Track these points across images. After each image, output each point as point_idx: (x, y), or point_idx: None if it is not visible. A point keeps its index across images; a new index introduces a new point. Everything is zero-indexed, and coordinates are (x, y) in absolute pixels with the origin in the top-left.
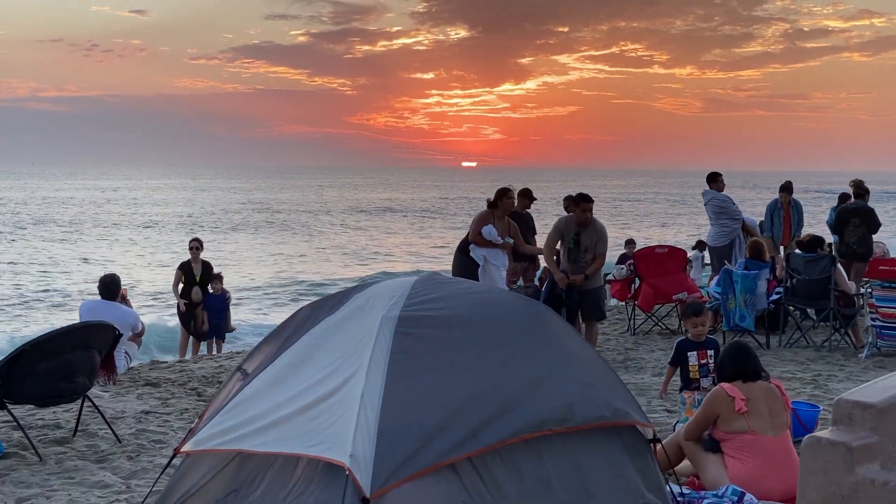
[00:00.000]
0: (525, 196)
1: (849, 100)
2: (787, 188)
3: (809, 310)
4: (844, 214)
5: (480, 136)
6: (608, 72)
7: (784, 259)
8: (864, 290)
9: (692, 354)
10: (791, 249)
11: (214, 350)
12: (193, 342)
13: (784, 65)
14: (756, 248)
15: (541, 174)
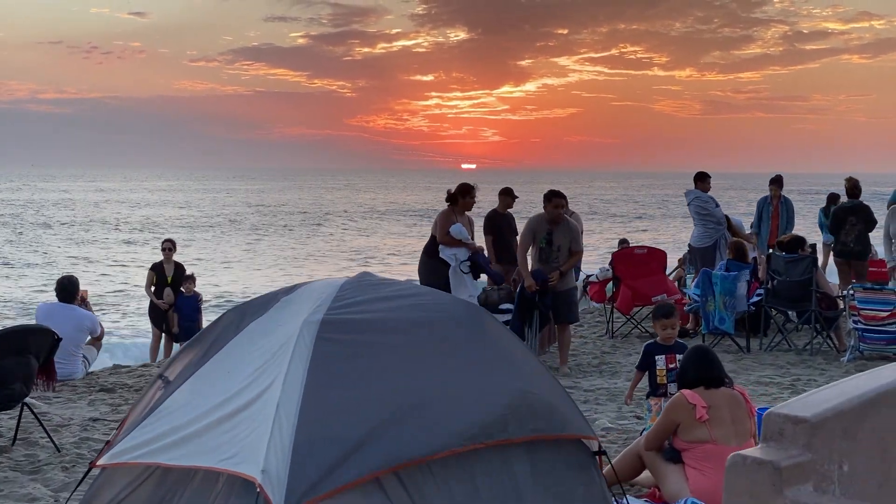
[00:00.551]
0: (507, 195)
1: (848, 102)
2: (778, 181)
3: (791, 312)
4: (840, 213)
5: (480, 138)
6: (608, 74)
7: (765, 260)
8: (846, 293)
9: (660, 358)
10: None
11: None
12: (166, 344)
13: (783, 67)
14: (738, 249)
15: (540, 176)
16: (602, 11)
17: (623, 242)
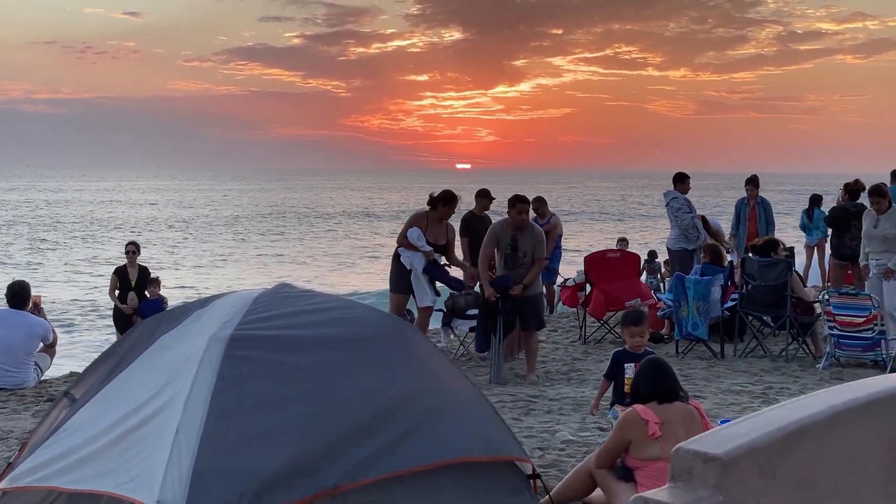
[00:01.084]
0: (484, 196)
1: (842, 102)
2: (753, 181)
3: (766, 317)
4: (842, 215)
5: (475, 138)
6: (602, 74)
7: (739, 264)
8: (822, 297)
9: (629, 367)
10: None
11: None
12: None
13: (777, 67)
14: (714, 252)
15: (535, 176)
16: (597, 12)
17: (622, 241)
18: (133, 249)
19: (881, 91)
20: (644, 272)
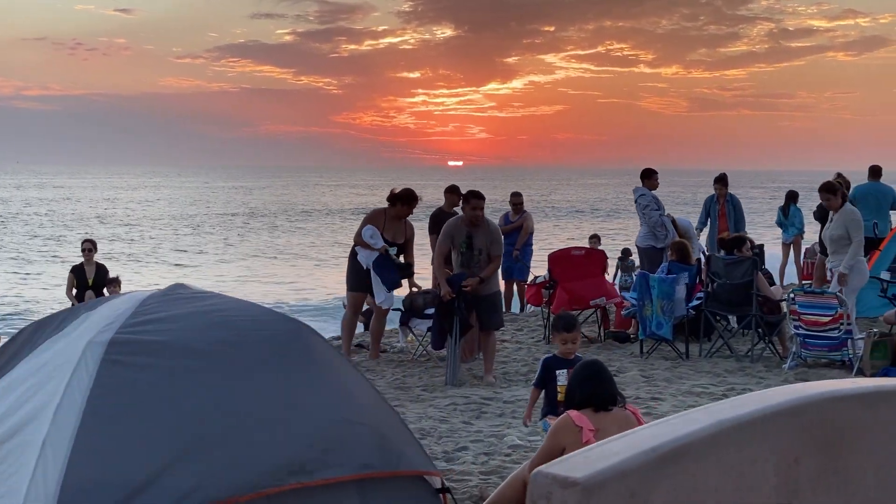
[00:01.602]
0: (453, 192)
1: (834, 99)
2: (722, 179)
3: (731, 316)
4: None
5: (467, 136)
6: (594, 71)
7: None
8: (787, 296)
9: (561, 373)
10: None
11: None
12: None
13: (769, 64)
14: (680, 250)
15: (527, 173)
16: (589, 9)
17: (594, 238)
18: (89, 247)
19: (872, 88)
20: (618, 270)
